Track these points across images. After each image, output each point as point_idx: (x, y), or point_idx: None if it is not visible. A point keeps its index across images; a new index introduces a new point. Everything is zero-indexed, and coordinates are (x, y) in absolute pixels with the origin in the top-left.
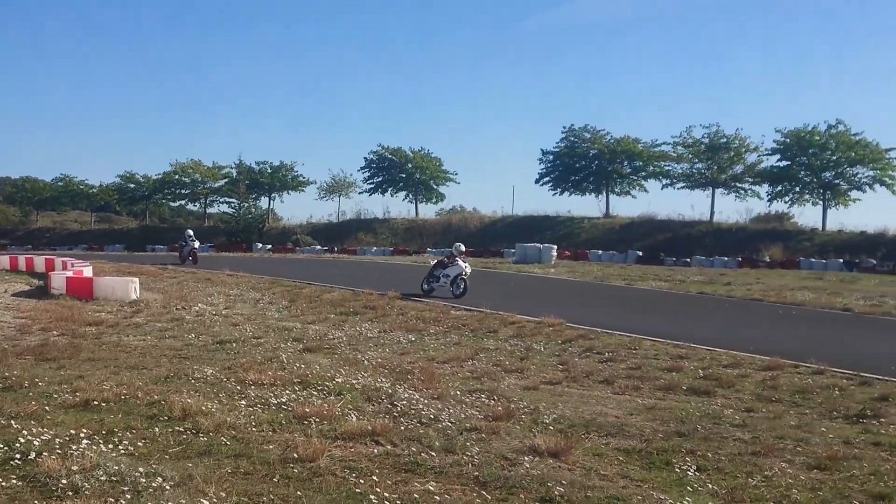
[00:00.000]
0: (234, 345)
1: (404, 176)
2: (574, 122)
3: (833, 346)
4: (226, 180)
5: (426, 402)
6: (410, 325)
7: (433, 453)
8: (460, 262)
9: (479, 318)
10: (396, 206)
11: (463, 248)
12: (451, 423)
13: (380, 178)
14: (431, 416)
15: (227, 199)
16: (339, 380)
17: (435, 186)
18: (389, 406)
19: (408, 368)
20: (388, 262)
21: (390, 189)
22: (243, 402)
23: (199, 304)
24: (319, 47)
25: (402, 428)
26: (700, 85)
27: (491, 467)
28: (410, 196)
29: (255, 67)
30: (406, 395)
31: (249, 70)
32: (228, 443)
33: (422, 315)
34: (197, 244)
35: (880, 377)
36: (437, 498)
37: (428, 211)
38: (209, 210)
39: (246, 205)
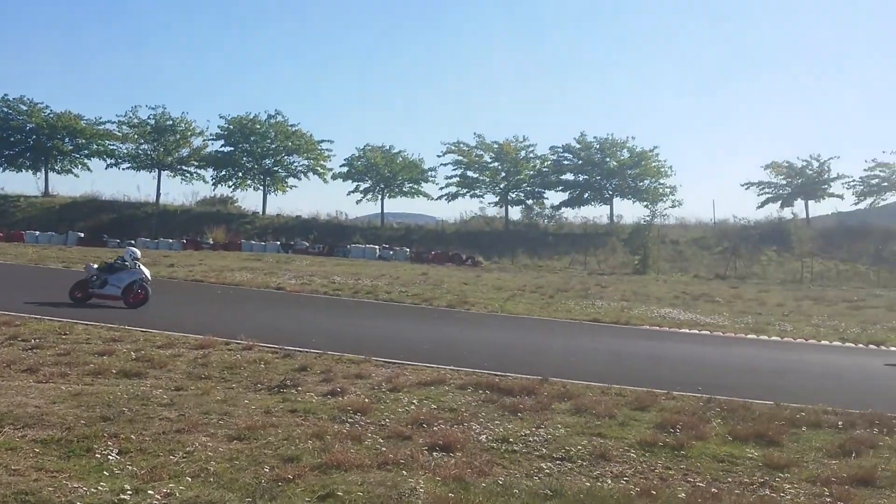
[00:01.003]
0: None
1: None
2: (8, 93)
3: (264, 323)
4: None
5: None
6: None
7: None
8: None
9: None
10: None
11: None
12: None
13: None
14: None
15: None
16: None
17: None
18: None
19: None
20: None
21: None
22: None
23: None
24: None
25: None
26: (145, 67)
27: None
28: None
29: None
30: None
31: None
32: None
33: None
34: (148, 273)
35: (301, 349)
36: None
37: None
38: None
39: None
